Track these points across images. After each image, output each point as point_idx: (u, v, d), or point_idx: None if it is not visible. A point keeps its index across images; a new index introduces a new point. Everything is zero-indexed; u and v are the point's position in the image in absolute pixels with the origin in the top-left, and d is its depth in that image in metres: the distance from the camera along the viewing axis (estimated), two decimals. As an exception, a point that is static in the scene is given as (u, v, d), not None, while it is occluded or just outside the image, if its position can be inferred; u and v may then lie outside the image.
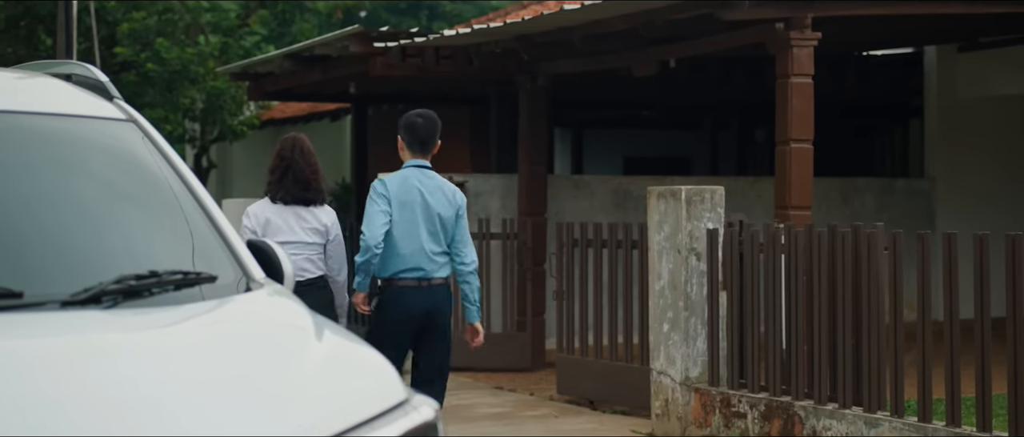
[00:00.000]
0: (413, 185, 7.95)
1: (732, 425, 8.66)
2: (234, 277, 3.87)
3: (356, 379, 3.40)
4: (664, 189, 9.23)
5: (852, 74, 15.25)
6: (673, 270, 9.05)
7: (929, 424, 7.34)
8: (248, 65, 15.62)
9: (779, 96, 9.62)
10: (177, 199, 4.07)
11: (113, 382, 3.12)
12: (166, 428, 3.00)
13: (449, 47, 12.82)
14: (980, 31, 14.12)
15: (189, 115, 20.09)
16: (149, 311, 3.57)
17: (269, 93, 16.36)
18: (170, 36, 19.72)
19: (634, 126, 22.93)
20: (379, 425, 3.23)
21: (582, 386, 10.69)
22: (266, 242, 4.19)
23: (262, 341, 3.49)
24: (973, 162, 15.30)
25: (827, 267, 8.10)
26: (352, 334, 3.73)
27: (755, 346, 8.69)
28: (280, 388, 3.23)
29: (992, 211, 14.84)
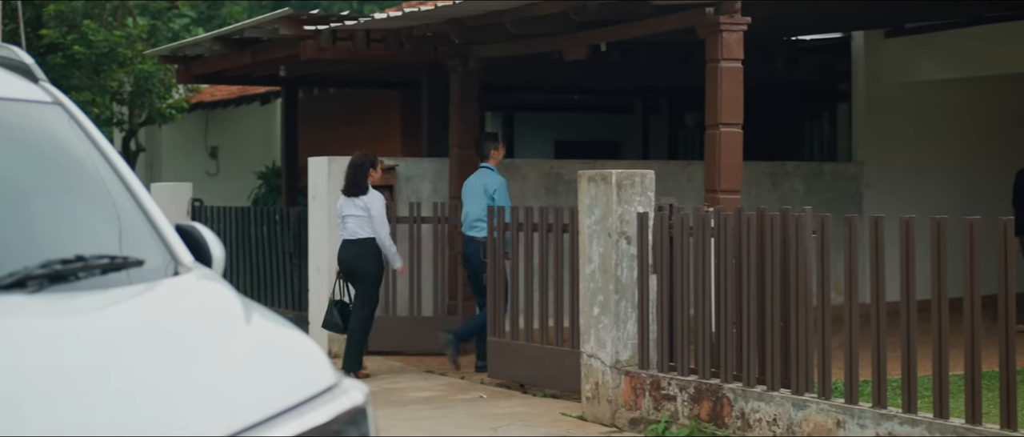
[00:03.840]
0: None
1: (662, 408, 8.71)
2: (162, 261, 3.84)
3: (285, 363, 3.38)
4: (595, 173, 9.25)
5: (781, 59, 15.37)
6: (603, 254, 9.08)
7: (855, 405, 7.42)
8: (177, 48, 15.50)
9: (709, 80, 9.67)
10: (104, 183, 4.03)
11: (34, 367, 3.09)
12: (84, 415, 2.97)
13: (380, 30, 12.78)
14: (906, 17, 14.27)
15: (117, 98, 19.91)
16: (75, 296, 3.54)
17: (198, 76, 16.24)
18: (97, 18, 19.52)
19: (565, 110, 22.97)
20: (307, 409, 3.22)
21: (513, 370, 10.71)
22: (194, 225, 4.16)
23: (189, 326, 3.47)
24: (899, 146, 15.46)
25: (756, 251, 8.16)
26: (282, 318, 3.71)
27: (685, 329, 8.74)
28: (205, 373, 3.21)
29: (918, 194, 15.01)
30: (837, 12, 12.66)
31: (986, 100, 15.89)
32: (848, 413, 7.43)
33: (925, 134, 15.65)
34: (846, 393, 7.51)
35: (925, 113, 15.66)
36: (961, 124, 15.88)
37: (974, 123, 15.91)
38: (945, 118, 15.78)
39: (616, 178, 9.04)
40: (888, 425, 7.16)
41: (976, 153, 15.66)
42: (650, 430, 8.70)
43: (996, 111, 15.90)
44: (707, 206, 9.13)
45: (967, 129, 15.86)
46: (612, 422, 9.06)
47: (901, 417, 7.12)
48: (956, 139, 15.82)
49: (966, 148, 15.78)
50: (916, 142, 15.57)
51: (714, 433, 8.28)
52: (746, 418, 8.09)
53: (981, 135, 15.79)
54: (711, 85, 9.65)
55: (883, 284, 7.37)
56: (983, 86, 15.64)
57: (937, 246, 7.02)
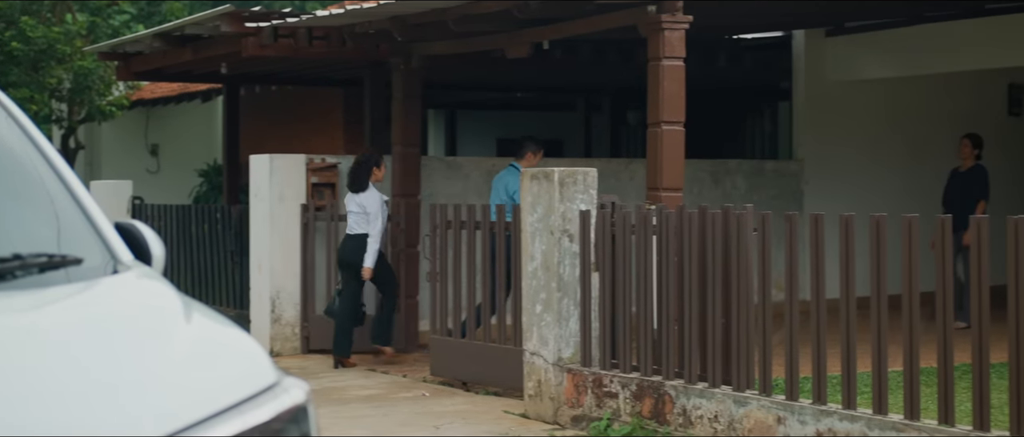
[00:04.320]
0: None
1: (604, 405, 8.73)
2: (101, 260, 3.81)
3: (225, 362, 3.36)
4: (537, 171, 9.26)
5: (723, 57, 15.44)
6: (546, 251, 9.09)
7: (796, 402, 7.47)
8: (117, 44, 15.38)
9: (651, 79, 9.70)
10: (42, 180, 3.99)
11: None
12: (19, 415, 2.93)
13: (322, 28, 12.73)
14: (847, 16, 14.38)
15: (56, 95, 19.72)
16: (11, 295, 3.50)
17: (138, 73, 16.12)
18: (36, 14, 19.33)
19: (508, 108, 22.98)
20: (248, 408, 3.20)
21: (455, 367, 10.71)
22: (134, 223, 4.12)
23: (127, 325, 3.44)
24: (840, 144, 15.58)
25: (698, 248, 8.19)
26: (222, 317, 3.69)
27: (627, 327, 8.76)
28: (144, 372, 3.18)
29: (858, 192, 15.14)
30: (778, 11, 12.74)
31: (925, 98, 16.04)
32: (788, 410, 7.47)
33: (865, 132, 15.77)
34: (787, 390, 7.56)
35: (865, 111, 15.79)
36: (901, 122, 16.03)
37: (914, 121, 16.06)
38: (885, 116, 15.92)
39: (558, 176, 9.04)
40: (828, 421, 7.21)
41: (916, 151, 15.80)
42: (592, 428, 8.72)
43: (936, 109, 16.05)
44: (649, 204, 9.16)
45: (907, 127, 16.01)
46: (555, 419, 9.07)
47: (841, 413, 7.17)
48: (896, 137, 15.96)
49: (906, 146, 15.92)
50: (856, 140, 15.69)
51: (656, 430, 8.31)
52: (688, 415, 8.12)
53: (921, 133, 15.94)
54: (653, 83, 9.68)
55: (823, 281, 7.42)
56: (922, 84, 15.79)
57: (876, 244, 7.07)
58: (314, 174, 12.87)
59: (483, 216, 10.53)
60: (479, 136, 23.40)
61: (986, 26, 13.75)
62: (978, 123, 15.83)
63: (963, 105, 16.22)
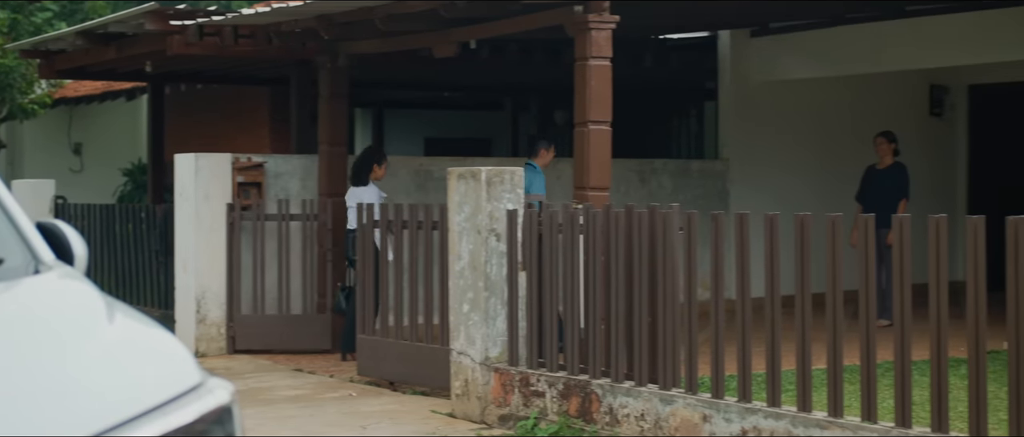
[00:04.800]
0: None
1: (531, 404, 8.74)
2: (22, 260, 3.77)
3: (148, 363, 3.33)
4: (464, 170, 9.26)
5: (649, 57, 15.51)
6: (473, 251, 9.09)
7: (722, 400, 7.51)
8: (39, 42, 15.20)
9: (578, 78, 9.73)
10: (-39, 180, 3.93)
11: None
12: None
13: (248, 26, 12.66)
14: (771, 17, 14.50)
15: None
16: (-69, 295, 3.45)
17: (61, 71, 15.94)
18: (-44, 11, 19.07)
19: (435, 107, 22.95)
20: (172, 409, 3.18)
21: (383, 367, 10.68)
22: (56, 223, 4.08)
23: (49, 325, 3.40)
24: (765, 144, 15.70)
25: (624, 247, 8.22)
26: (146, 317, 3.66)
27: (554, 326, 8.78)
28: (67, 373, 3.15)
29: (783, 191, 15.26)
30: (704, 12, 12.82)
31: (849, 99, 16.20)
32: (714, 407, 7.52)
33: (790, 132, 15.91)
34: (712, 388, 7.61)
35: (790, 111, 15.93)
36: (825, 122, 16.17)
37: (838, 121, 16.21)
38: (809, 116, 16.06)
39: (486, 175, 9.05)
40: (753, 419, 7.27)
41: (840, 151, 15.94)
42: (519, 427, 8.73)
43: (859, 109, 16.21)
44: (576, 203, 9.18)
45: (831, 127, 16.16)
46: (482, 419, 9.07)
47: (766, 411, 7.23)
48: (820, 137, 16.10)
49: (830, 146, 16.07)
50: (781, 140, 15.82)
51: (583, 429, 8.33)
52: (614, 414, 8.15)
53: (845, 133, 16.09)
54: (580, 83, 9.70)
55: (749, 280, 7.48)
56: (846, 85, 15.94)
57: (801, 243, 7.13)
58: (240, 173, 12.80)
59: (410, 215, 10.51)
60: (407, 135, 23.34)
61: (907, 27, 13.92)
62: (901, 123, 16.02)
63: (886, 105, 16.40)
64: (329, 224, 12.61)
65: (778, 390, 7.25)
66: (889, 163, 13.88)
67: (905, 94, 16.80)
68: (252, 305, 12.63)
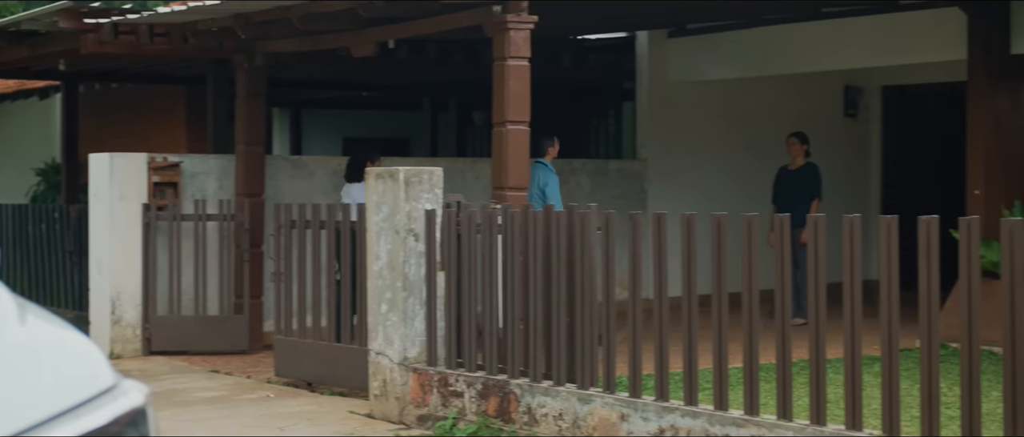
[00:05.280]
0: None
1: (450, 404, 8.74)
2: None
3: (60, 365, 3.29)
4: (382, 170, 9.24)
5: (568, 58, 15.56)
6: (391, 251, 9.07)
7: (639, 399, 7.55)
8: (-50, 40, 14.97)
9: (496, 78, 9.74)
10: None
11: None
12: None
13: (164, 25, 12.55)
14: (689, 18, 14.59)
15: None
16: None
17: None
18: None
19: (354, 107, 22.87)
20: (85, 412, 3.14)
21: (300, 368, 10.63)
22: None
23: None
24: (682, 144, 15.80)
25: (543, 247, 8.24)
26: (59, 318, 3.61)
27: (472, 326, 8.78)
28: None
29: (700, 191, 15.38)
30: (622, 12, 12.88)
31: (765, 99, 16.35)
32: (632, 406, 7.55)
33: (707, 132, 16.02)
34: (630, 387, 7.64)
35: (707, 112, 16.04)
36: (742, 123, 16.30)
37: (754, 121, 16.35)
38: (726, 117, 16.19)
39: (404, 175, 9.03)
40: (670, 418, 7.31)
41: (756, 151, 16.08)
42: (438, 427, 8.72)
43: (775, 110, 16.36)
44: (495, 203, 9.19)
45: (748, 127, 16.29)
46: (400, 419, 9.05)
47: (683, 410, 7.27)
48: (737, 137, 16.23)
49: (747, 146, 16.20)
50: (699, 140, 15.93)
51: (501, 429, 8.34)
52: (533, 413, 8.17)
53: (761, 133, 16.23)
54: (498, 83, 9.72)
55: (666, 280, 7.52)
56: (762, 86, 16.08)
57: (717, 242, 7.18)
58: (156, 173, 12.68)
59: (328, 215, 10.47)
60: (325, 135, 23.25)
61: (822, 29, 14.07)
62: (816, 123, 16.20)
63: (801, 106, 16.56)
64: (246, 224, 12.53)
65: (695, 389, 7.30)
66: (801, 163, 14.02)
67: (820, 95, 16.98)
68: (168, 306, 12.52)
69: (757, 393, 6.99)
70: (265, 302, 12.74)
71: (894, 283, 6.41)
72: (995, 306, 6.22)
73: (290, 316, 10.85)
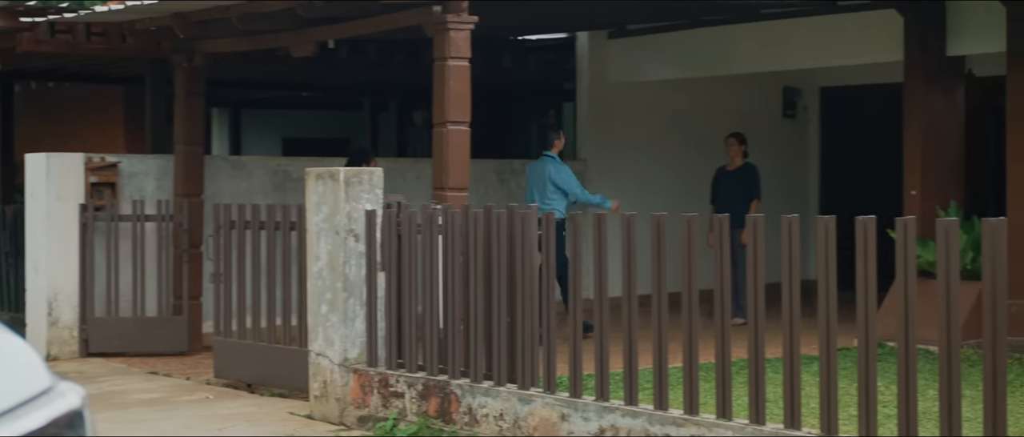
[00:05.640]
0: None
1: (390, 405, 8.72)
2: None
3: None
4: (322, 170, 9.21)
5: (508, 58, 15.57)
6: (332, 251, 9.04)
7: (579, 399, 7.56)
8: None
9: (436, 78, 9.73)
10: None
11: None
12: None
13: (101, 24, 12.46)
14: (629, 18, 14.64)
15: None
16: None
17: (-94, 68, 15.54)
18: None
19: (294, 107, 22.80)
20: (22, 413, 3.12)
21: (240, 369, 10.58)
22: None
23: None
24: (622, 145, 15.85)
25: (483, 248, 8.24)
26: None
27: (413, 326, 8.77)
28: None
29: (640, 192, 15.42)
30: (562, 13, 12.91)
31: (705, 100, 16.43)
32: (572, 407, 7.57)
33: (647, 133, 16.08)
34: (570, 387, 7.65)
35: (647, 112, 16.10)
36: (682, 123, 16.38)
37: (694, 122, 16.43)
38: (666, 117, 16.25)
39: (344, 175, 9.01)
40: (611, 417, 7.33)
41: (696, 151, 16.16)
42: (378, 428, 8.71)
43: (715, 111, 16.45)
44: (435, 203, 9.18)
45: (687, 128, 16.37)
46: (341, 420, 9.03)
47: (623, 409, 7.29)
48: (677, 138, 16.30)
49: (687, 147, 16.28)
50: (639, 141, 15.99)
51: (442, 429, 8.34)
52: (473, 414, 8.17)
53: (701, 134, 16.31)
54: (439, 83, 9.71)
55: (606, 280, 7.54)
56: (702, 86, 16.16)
57: (657, 242, 7.21)
58: (93, 173, 12.58)
59: (268, 216, 10.43)
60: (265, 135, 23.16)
61: (761, 31, 14.16)
62: (755, 124, 16.31)
63: (741, 106, 16.66)
64: (185, 225, 12.46)
65: (635, 389, 7.32)
66: (739, 164, 14.10)
67: (759, 95, 17.09)
68: (106, 307, 12.42)
69: (697, 393, 7.02)
70: (204, 303, 12.66)
71: (832, 283, 6.46)
72: (931, 305, 6.28)
73: (230, 317, 10.80)
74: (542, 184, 12.68)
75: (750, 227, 6.85)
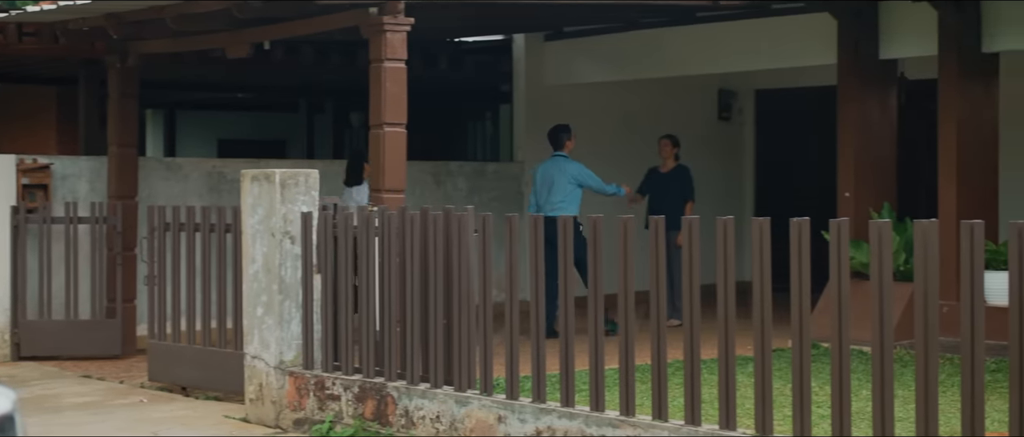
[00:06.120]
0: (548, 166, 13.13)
1: (326, 408, 8.69)
2: None
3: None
4: (258, 172, 9.17)
5: (445, 60, 15.56)
6: (267, 254, 9.00)
7: (516, 401, 7.57)
8: None
9: (373, 80, 9.72)
10: None
11: None
12: None
13: (34, 24, 12.33)
14: (565, 21, 14.68)
15: None
16: None
17: None
18: None
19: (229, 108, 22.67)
20: (-49, 419, 3.09)
21: (175, 372, 10.51)
22: None
23: None
24: (559, 147, 15.85)
25: (420, 250, 8.23)
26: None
27: (349, 328, 8.75)
28: None
29: (576, 194, 15.42)
30: (499, 15, 12.91)
31: (642, 102, 16.48)
32: (509, 408, 7.57)
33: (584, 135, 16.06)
34: (507, 389, 7.66)
35: (584, 115, 16.11)
36: (618, 126, 16.42)
37: (631, 124, 16.48)
38: (603, 120, 16.29)
39: (280, 177, 8.97)
40: (547, 419, 7.34)
41: (632, 154, 16.18)
42: (314, 430, 8.68)
43: (652, 113, 16.50)
44: (372, 205, 9.16)
45: (624, 130, 16.41)
46: (276, 423, 8.99)
47: (560, 411, 7.31)
48: (613, 140, 16.34)
49: (623, 149, 16.31)
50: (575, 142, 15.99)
51: (378, 432, 8.32)
52: (410, 416, 8.16)
53: (637, 136, 16.35)
54: (375, 85, 9.69)
55: (543, 281, 7.54)
56: (639, 89, 16.22)
57: (594, 244, 7.23)
58: (25, 175, 12.45)
59: (203, 217, 10.36)
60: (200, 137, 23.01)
61: (696, 34, 14.23)
62: (690, 126, 16.38)
63: (676, 108, 16.73)
64: (119, 227, 12.35)
65: (572, 390, 7.34)
66: (672, 166, 14.15)
67: (695, 98, 17.18)
68: (38, 310, 12.29)
69: (633, 394, 7.05)
70: (138, 306, 12.57)
71: (767, 284, 6.50)
72: (865, 306, 6.34)
73: (164, 320, 10.72)
74: (551, 182, 13.01)
75: (685, 229, 6.88)
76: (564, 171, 13.01)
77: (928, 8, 11.80)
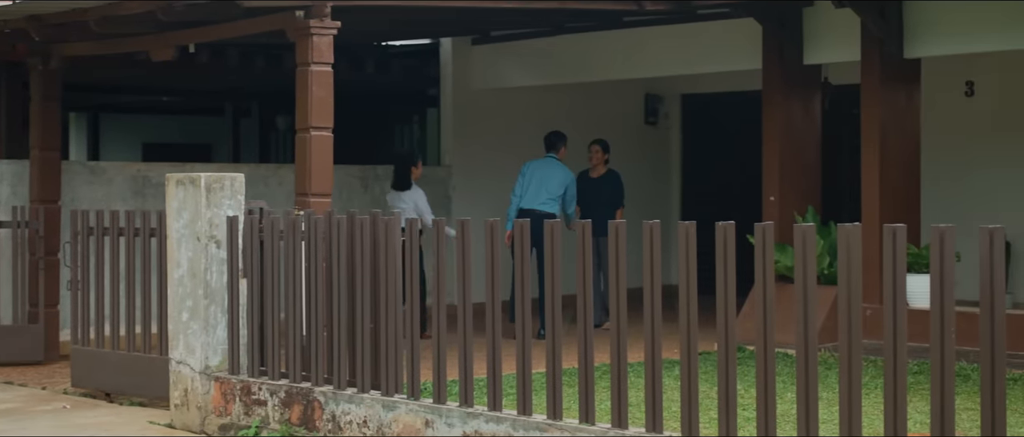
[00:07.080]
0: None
1: (253, 413, 8.65)
2: None
3: None
4: (183, 176, 9.10)
5: (372, 63, 15.53)
6: (193, 258, 8.94)
7: (444, 405, 7.57)
8: None
9: (299, 84, 9.68)
10: None
11: None
12: None
13: (-46, 25, 12.17)
14: (493, 25, 14.70)
15: None
16: None
17: None
18: None
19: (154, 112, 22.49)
20: None
21: (98, 378, 10.41)
22: None
23: None
24: (486, 150, 15.89)
25: (346, 253, 8.21)
26: None
27: (276, 333, 8.71)
28: None
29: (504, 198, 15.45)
30: (426, 19, 12.91)
31: (569, 106, 16.52)
32: (436, 412, 7.57)
33: (511, 139, 16.13)
34: (434, 393, 7.65)
35: (511, 118, 16.17)
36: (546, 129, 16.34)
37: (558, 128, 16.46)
38: (531, 123, 16.30)
39: (205, 181, 8.92)
40: (475, 423, 7.34)
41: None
42: (240, 434, 8.63)
43: (579, 117, 16.54)
44: (298, 209, 9.12)
45: (550, 135, 16.44)
46: (202, 429, 8.93)
47: (487, 415, 7.31)
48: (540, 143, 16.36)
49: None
50: (503, 146, 16.03)
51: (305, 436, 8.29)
52: (337, 420, 8.13)
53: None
54: (301, 88, 9.66)
55: (470, 285, 7.55)
56: (566, 93, 16.27)
57: (520, 248, 7.24)
58: (-55, 179, 12.29)
59: (127, 221, 10.27)
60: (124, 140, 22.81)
61: (622, 38, 14.30)
62: (617, 130, 16.44)
63: (604, 113, 16.79)
64: (41, 231, 12.22)
65: (499, 394, 7.35)
66: (603, 171, 14.19)
67: (622, 102, 17.25)
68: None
69: (560, 397, 7.06)
70: (61, 311, 12.44)
71: (693, 288, 6.54)
72: (789, 309, 6.40)
73: (88, 325, 10.61)
74: (542, 180, 13.40)
75: (612, 233, 6.91)
76: (557, 173, 13.49)
77: (851, 14, 11.92)
